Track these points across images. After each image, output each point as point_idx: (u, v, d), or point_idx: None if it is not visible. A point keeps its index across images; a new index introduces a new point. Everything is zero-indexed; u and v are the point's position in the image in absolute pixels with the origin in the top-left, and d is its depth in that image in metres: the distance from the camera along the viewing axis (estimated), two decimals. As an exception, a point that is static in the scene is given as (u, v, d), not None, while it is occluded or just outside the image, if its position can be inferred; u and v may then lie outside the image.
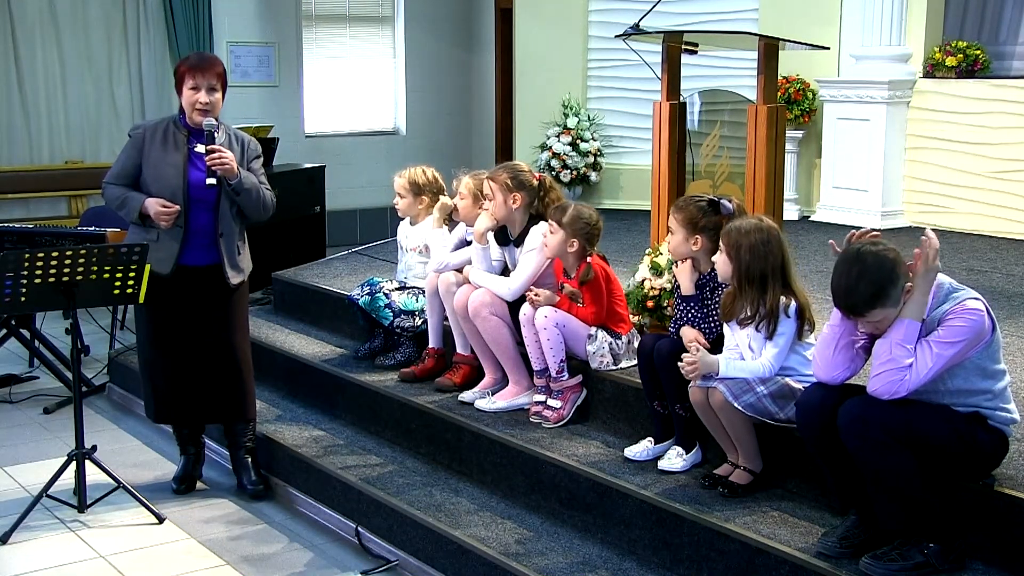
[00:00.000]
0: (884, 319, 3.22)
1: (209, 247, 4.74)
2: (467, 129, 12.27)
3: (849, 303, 3.22)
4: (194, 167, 4.69)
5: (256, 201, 4.77)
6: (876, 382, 3.20)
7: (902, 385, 3.16)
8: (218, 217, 4.71)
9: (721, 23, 8.43)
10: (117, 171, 4.78)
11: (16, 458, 5.48)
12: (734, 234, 3.75)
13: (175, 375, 4.85)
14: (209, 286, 4.77)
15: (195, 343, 4.80)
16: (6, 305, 4.56)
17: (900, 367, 3.15)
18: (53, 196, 10.03)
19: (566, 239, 4.48)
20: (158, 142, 4.71)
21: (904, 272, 3.20)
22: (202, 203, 4.70)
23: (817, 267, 6.26)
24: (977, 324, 3.16)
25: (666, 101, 4.89)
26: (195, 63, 4.71)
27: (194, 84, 4.65)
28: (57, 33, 9.96)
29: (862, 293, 3.17)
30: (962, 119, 7.60)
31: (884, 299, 3.17)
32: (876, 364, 3.21)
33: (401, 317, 5.28)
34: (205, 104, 4.65)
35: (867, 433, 3.16)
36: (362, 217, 11.55)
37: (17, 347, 6.92)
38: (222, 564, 4.34)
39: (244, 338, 4.96)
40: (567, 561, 3.85)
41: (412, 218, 5.44)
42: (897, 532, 3.24)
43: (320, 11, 11.38)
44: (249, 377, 4.97)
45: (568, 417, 4.55)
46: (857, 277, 3.17)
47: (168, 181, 4.66)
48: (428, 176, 5.39)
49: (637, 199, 8.63)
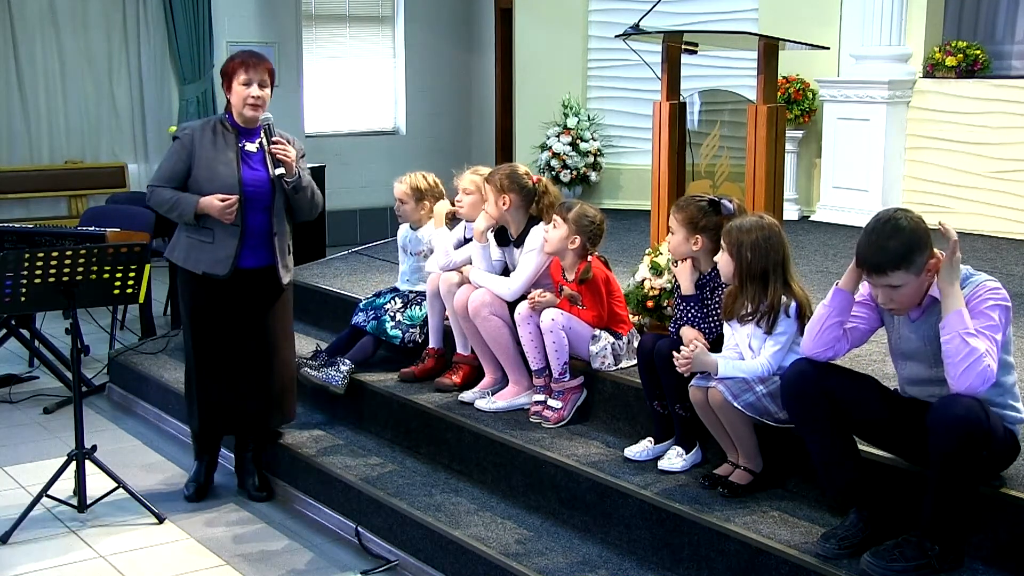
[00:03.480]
0: (902, 286, 3.18)
1: (263, 247, 4.71)
2: (467, 129, 12.27)
3: (876, 261, 3.18)
4: (247, 166, 4.66)
5: (310, 199, 4.77)
6: (965, 378, 3.07)
7: (990, 371, 3.08)
8: (273, 215, 4.70)
9: (721, 23, 8.43)
10: (165, 174, 4.69)
11: (16, 458, 5.48)
12: (735, 232, 3.76)
13: (223, 381, 4.79)
14: (263, 288, 4.76)
15: (243, 348, 4.77)
16: (6, 305, 4.56)
17: (981, 355, 3.08)
18: (53, 196, 10.05)
19: (568, 235, 4.48)
20: (207, 142, 4.66)
21: (931, 245, 3.20)
22: (257, 202, 4.67)
23: (817, 267, 6.26)
24: (1004, 299, 3.18)
25: (666, 101, 4.89)
26: (246, 58, 4.69)
27: (247, 79, 4.63)
28: (57, 33, 9.96)
29: (891, 252, 3.15)
30: (962, 119, 7.60)
31: (910, 264, 3.15)
32: (955, 362, 3.10)
33: (410, 333, 5.28)
34: (257, 99, 4.64)
35: (969, 432, 3.06)
36: (362, 217, 11.56)
37: (17, 347, 6.92)
38: (222, 564, 4.34)
39: (290, 341, 4.97)
40: (567, 561, 3.85)
41: (414, 223, 5.43)
42: (899, 529, 3.23)
43: (320, 11, 11.38)
44: (293, 382, 5.00)
45: (568, 417, 4.55)
46: (889, 236, 3.16)
47: (224, 180, 4.61)
48: (429, 181, 5.38)
49: (637, 199, 8.63)
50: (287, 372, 4.95)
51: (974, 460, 3.09)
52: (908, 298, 3.23)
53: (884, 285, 3.22)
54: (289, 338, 4.97)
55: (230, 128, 4.71)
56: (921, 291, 3.24)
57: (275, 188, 4.69)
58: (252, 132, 4.72)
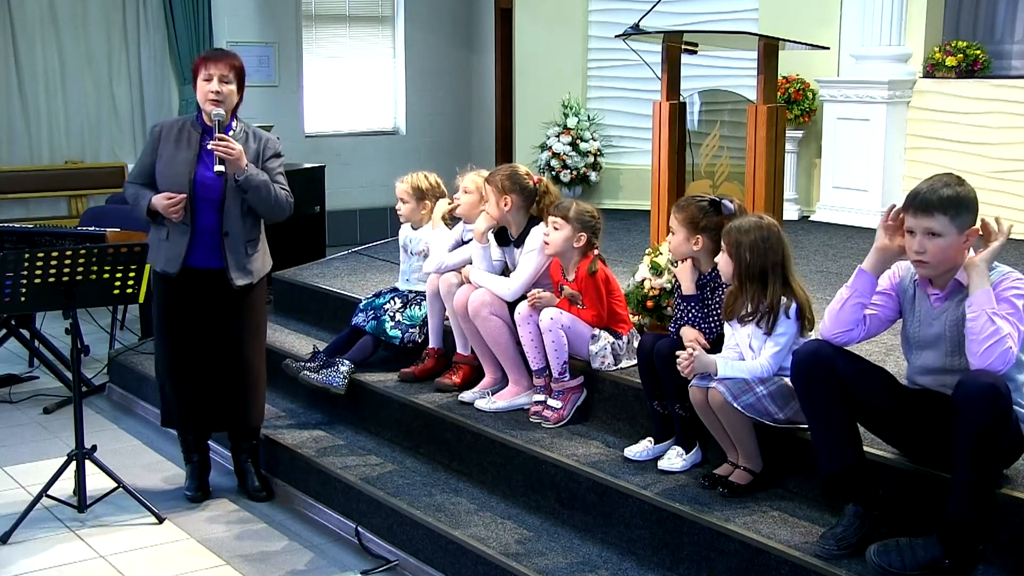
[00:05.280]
0: (941, 236, 3.17)
1: (214, 248, 4.67)
2: (467, 129, 12.27)
3: (928, 197, 3.19)
4: (203, 165, 4.65)
5: (267, 199, 4.67)
6: (988, 356, 3.08)
7: (1011, 354, 3.09)
8: (223, 215, 4.66)
9: (721, 23, 8.42)
10: (136, 169, 4.77)
11: (16, 458, 5.48)
12: (734, 233, 3.76)
13: (182, 380, 4.82)
14: (215, 290, 4.71)
15: (202, 348, 4.77)
16: (6, 305, 4.56)
17: (1003, 335, 3.08)
18: (53, 196, 10.04)
19: (574, 233, 4.48)
20: (172, 139, 4.68)
21: (977, 216, 3.22)
22: (208, 202, 4.64)
23: (817, 267, 6.26)
24: None
25: (666, 101, 4.89)
26: (209, 54, 4.71)
27: (207, 74, 4.62)
28: (57, 33, 9.96)
29: (943, 193, 3.18)
30: (962, 119, 7.60)
31: (956, 213, 3.17)
32: (980, 339, 3.10)
33: (409, 333, 5.27)
34: (216, 94, 4.60)
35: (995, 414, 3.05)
36: (362, 217, 11.55)
37: (17, 347, 6.92)
38: (222, 564, 4.34)
39: (254, 343, 4.88)
40: (567, 561, 3.85)
41: (415, 223, 5.43)
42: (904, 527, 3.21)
43: (320, 11, 11.38)
44: (258, 384, 4.91)
45: (568, 417, 4.55)
46: (947, 184, 3.21)
47: (177, 178, 4.62)
48: (431, 181, 5.38)
49: (637, 199, 8.63)
50: (250, 374, 4.86)
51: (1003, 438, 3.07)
52: (940, 254, 3.21)
53: (924, 230, 3.21)
54: (255, 340, 4.88)
55: (197, 127, 4.71)
56: (952, 257, 3.22)
57: (226, 187, 4.64)
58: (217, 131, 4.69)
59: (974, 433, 3.04)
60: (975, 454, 3.05)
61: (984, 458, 3.07)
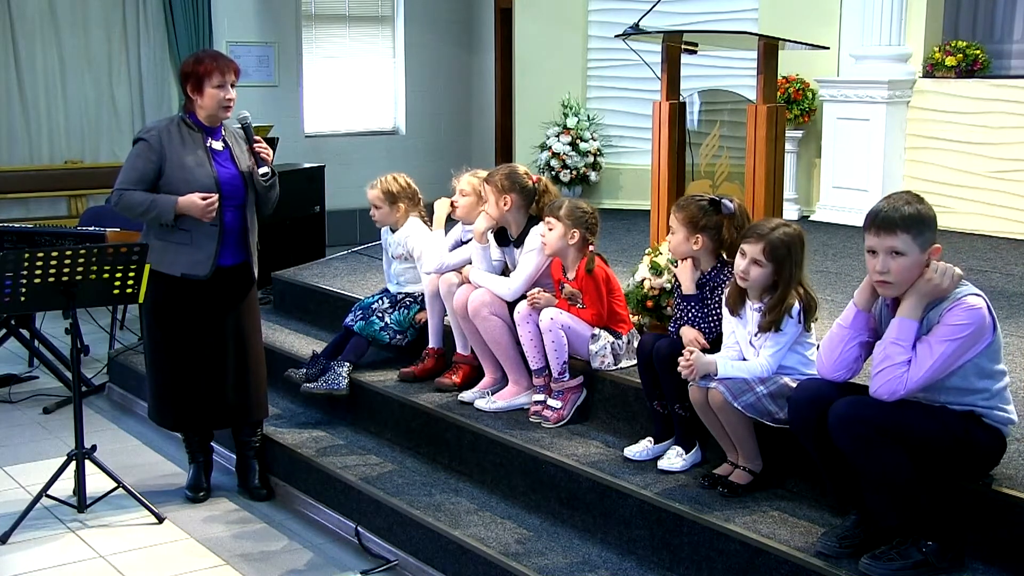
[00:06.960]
0: (903, 255, 3.16)
1: (238, 245, 4.76)
2: (467, 129, 12.27)
3: (885, 215, 3.18)
4: (218, 164, 4.69)
5: (275, 196, 4.84)
6: (876, 382, 3.19)
7: (900, 384, 3.14)
8: (246, 212, 4.75)
9: (721, 23, 8.43)
10: (134, 177, 4.63)
11: (16, 458, 5.48)
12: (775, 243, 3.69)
13: (197, 381, 4.80)
14: (237, 285, 4.81)
15: (219, 345, 4.79)
16: (6, 305, 4.56)
17: (896, 364, 3.14)
18: (53, 196, 10.03)
19: (567, 231, 4.48)
20: (176, 142, 4.65)
21: (936, 235, 3.22)
22: (232, 200, 4.71)
23: (817, 267, 6.26)
24: (978, 321, 3.14)
25: (666, 101, 4.89)
26: (218, 61, 4.69)
27: (221, 81, 4.65)
28: (57, 33, 9.95)
29: (904, 211, 3.17)
30: (962, 119, 7.60)
31: (917, 232, 3.16)
32: (875, 365, 3.21)
33: (396, 338, 5.28)
34: (231, 100, 4.68)
35: (857, 431, 3.15)
36: (362, 217, 11.49)
37: (17, 347, 6.92)
38: (222, 564, 4.34)
39: (258, 335, 4.99)
40: (567, 561, 3.85)
41: (392, 226, 5.42)
42: (895, 530, 3.24)
43: (320, 11, 11.38)
44: (263, 374, 5.00)
45: (568, 417, 4.55)
46: (907, 202, 3.21)
47: (201, 180, 4.62)
48: (401, 183, 5.36)
49: (637, 199, 8.63)
50: (260, 366, 4.97)
51: (885, 451, 3.13)
52: (903, 273, 3.20)
53: (887, 249, 3.20)
54: (257, 331, 4.99)
55: (195, 127, 4.71)
56: (915, 276, 3.21)
57: (247, 185, 4.74)
58: (215, 131, 4.74)
59: (849, 456, 3.21)
60: (862, 472, 3.21)
61: (873, 473, 3.18)
